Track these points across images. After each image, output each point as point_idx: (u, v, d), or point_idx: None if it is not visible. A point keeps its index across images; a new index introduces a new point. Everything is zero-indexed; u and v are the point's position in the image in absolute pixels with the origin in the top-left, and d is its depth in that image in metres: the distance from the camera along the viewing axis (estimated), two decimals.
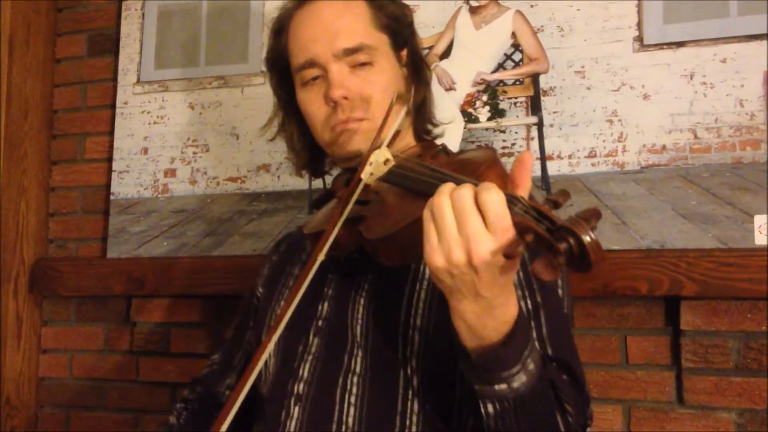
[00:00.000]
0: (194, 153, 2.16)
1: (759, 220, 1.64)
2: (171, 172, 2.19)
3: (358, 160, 1.13)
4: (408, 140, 1.25)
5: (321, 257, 0.95)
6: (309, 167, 1.33)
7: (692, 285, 1.60)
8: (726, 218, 1.66)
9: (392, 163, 1.04)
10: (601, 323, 1.75)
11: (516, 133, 1.86)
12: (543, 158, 1.82)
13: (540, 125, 1.83)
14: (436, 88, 1.91)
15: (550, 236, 0.74)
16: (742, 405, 1.62)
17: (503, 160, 1.86)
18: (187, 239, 2.12)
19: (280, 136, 1.33)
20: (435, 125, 1.31)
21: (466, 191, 0.78)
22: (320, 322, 1.15)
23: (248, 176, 2.10)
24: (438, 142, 1.27)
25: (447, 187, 0.81)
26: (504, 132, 1.87)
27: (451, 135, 1.89)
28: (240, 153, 2.10)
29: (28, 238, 2.28)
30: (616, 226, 1.72)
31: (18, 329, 2.24)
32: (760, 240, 1.63)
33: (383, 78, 1.17)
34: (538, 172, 1.82)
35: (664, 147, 1.74)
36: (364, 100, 1.15)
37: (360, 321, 1.10)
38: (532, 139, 1.84)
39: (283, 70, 1.25)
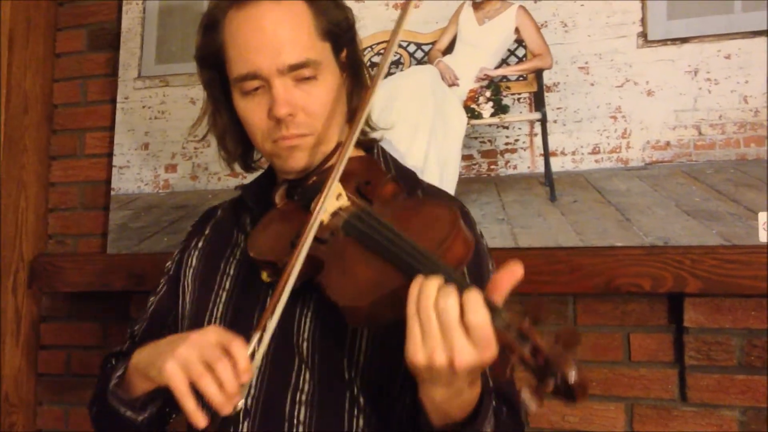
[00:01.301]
0: (195, 148, 2.16)
1: (763, 217, 1.63)
2: (172, 168, 2.18)
3: (298, 174, 1.15)
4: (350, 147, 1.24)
5: (280, 305, 0.97)
6: (240, 162, 1.29)
7: (696, 282, 1.60)
8: (730, 215, 1.65)
9: (344, 198, 1.05)
10: (604, 320, 1.74)
11: (519, 129, 1.85)
12: (546, 154, 1.82)
13: (543, 121, 1.83)
14: (439, 84, 1.92)
15: (534, 368, 0.76)
16: (746, 403, 1.62)
17: (507, 156, 1.86)
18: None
19: (211, 133, 1.27)
20: (373, 129, 1.28)
21: (452, 303, 0.80)
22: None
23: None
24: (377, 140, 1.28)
25: (431, 289, 0.82)
26: (507, 128, 1.86)
27: (455, 132, 1.88)
28: None
29: (27, 233, 2.27)
30: (620, 223, 1.72)
31: (17, 325, 2.23)
32: (763, 237, 1.63)
33: (327, 91, 1.14)
34: (541, 169, 1.82)
35: (668, 143, 1.73)
36: (308, 116, 1.12)
37: (306, 339, 1.09)
38: (536, 135, 1.84)
39: (215, 66, 1.19)
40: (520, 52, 1.87)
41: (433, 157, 1.88)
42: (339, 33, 1.17)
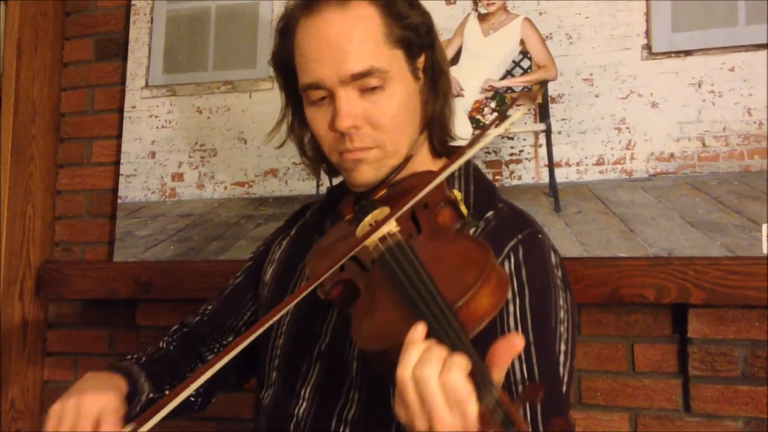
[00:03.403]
0: (202, 157, 2.17)
1: (766, 228, 1.64)
2: (178, 176, 2.19)
3: (365, 187, 1.13)
4: (422, 157, 1.20)
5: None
6: (326, 167, 1.25)
7: (700, 293, 1.60)
8: (734, 226, 1.66)
9: (393, 223, 1.00)
10: (608, 330, 1.75)
11: (524, 140, 1.87)
12: (551, 165, 1.83)
13: (548, 132, 1.84)
14: None
15: None
16: (749, 413, 1.63)
17: (511, 166, 1.87)
18: (194, 243, 2.12)
19: (290, 139, 1.26)
20: (452, 138, 1.24)
21: (431, 373, 0.75)
22: (323, 347, 1.14)
23: (255, 181, 2.10)
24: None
25: (412, 355, 0.78)
26: (512, 139, 1.87)
27: (460, 143, 1.89)
28: (247, 158, 2.10)
29: (34, 241, 2.28)
30: (624, 234, 1.73)
31: (23, 332, 2.24)
32: (767, 249, 1.63)
33: (395, 102, 1.10)
34: (545, 179, 1.83)
35: (672, 155, 1.74)
36: (373, 128, 1.09)
37: (357, 358, 1.08)
38: (540, 146, 1.85)
39: (290, 71, 1.17)
40: (525, 63, 1.88)
41: None
42: (415, 37, 1.13)
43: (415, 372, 0.77)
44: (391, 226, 1.00)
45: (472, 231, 1.11)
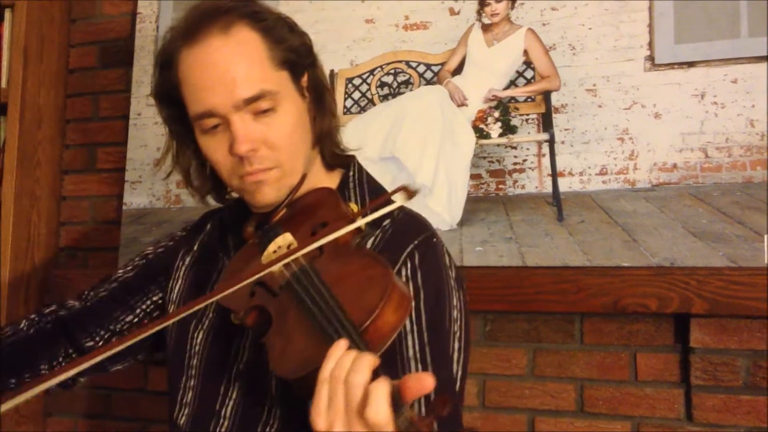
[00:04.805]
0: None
1: None
2: (183, 183, 2.19)
3: (268, 208, 1.14)
4: (317, 172, 1.22)
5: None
6: (214, 195, 1.27)
7: (702, 303, 1.61)
8: (736, 237, 1.67)
9: (294, 246, 1.04)
10: (610, 340, 1.76)
11: (527, 149, 1.88)
12: (554, 175, 1.84)
13: (551, 142, 1.85)
14: (448, 104, 1.94)
15: None
16: (751, 423, 1.63)
17: (515, 176, 1.88)
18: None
19: (175, 170, 1.25)
20: (342, 151, 1.25)
21: (362, 382, 0.80)
22: (241, 366, 1.15)
23: None
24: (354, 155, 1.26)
25: (347, 361, 0.82)
26: (515, 148, 1.89)
27: (464, 151, 1.91)
28: None
29: (39, 246, 2.30)
30: (627, 244, 1.74)
31: None
32: None
33: (288, 122, 1.11)
34: (549, 189, 1.84)
35: (675, 165, 1.75)
36: (270, 149, 1.10)
37: (275, 377, 1.10)
38: (544, 155, 1.86)
39: (174, 104, 1.16)
40: (529, 73, 1.90)
41: (441, 176, 1.91)
42: (297, 59, 1.14)
43: (349, 378, 0.81)
44: (291, 239, 1.04)
45: (371, 241, 1.14)
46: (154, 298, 1.34)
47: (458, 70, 1.96)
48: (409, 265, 1.11)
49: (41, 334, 1.32)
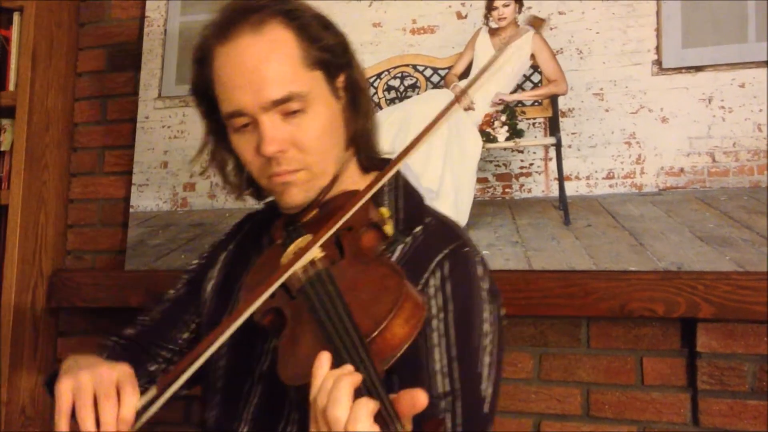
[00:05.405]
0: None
1: None
2: (190, 186, 2.21)
3: (296, 209, 1.13)
4: (351, 174, 1.20)
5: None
6: (252, 193, 1.25)
7: (709, 307, 1.61)
8: (743, 241, 1.67)
9: (320, 258, 1.02)
10: (617, 344, 1.76)
11: (534, 153, 1.88)
12: (561, 179, 1.84)
13: (558, 146, 1.85)
14: (455, 108, 1.94)
15: None
16: (758, 428, 1.63)
17: (521, 179, 1.88)
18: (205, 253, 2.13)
19: (212, 166, 1.24)
20: (378, 153, 1.23)
21: (341, 415, 0.78)
22: (264, 368, 1.15)
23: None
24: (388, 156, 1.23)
25: (323, 394, 0.81)
26: (522, 152, 1.89)
27: (470, 155, 1.91)
28: None
29: (46, 249, 2.30)
30: (634, 248, 1.74)
31: (35, 339, 2.26)
32: None
33: (318, 124, 1.10)
34: (555, 193, 1.84)
35: (682, 170, 1.75)
36: (299, 150, 1.09)
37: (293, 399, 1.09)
38: (550, 159, 1.86)
39: (210, 100, 1.15)
40: (536, 77, 1.90)
41: (448, 179, 1.91)
42: (332, 58, 1.12)
43: (327, 411, 0.79)
44: (316, 253, 1.02)
45: (400, 248, 1.12)
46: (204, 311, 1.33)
47: (465, 74, 1.96)
48: (438, 275, 1.08)
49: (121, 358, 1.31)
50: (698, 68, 1.76)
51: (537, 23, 1.00)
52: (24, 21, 2.30)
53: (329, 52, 1.12)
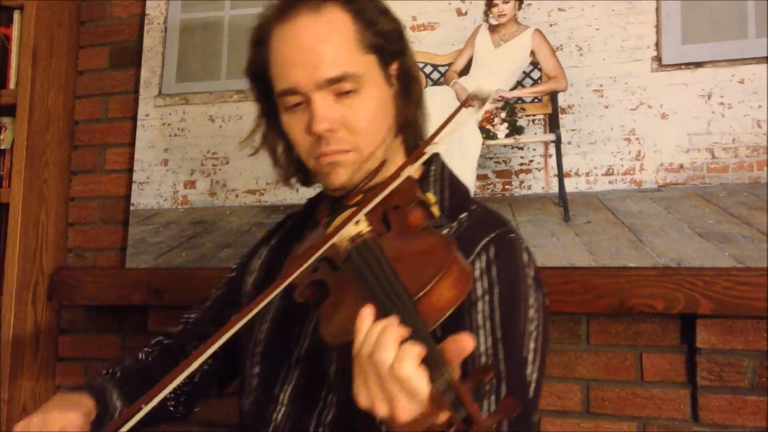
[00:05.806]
0: (214, 165, 2.19)
1: None
2: (190, 184, 2.21)
3: (342, 191, 1.14)
4: (398, 162, 1.18)
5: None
6: (300, 178, 1.26)
7: (708, 303, 1.61)
8: (743, 237, 1.67)
9: (364, 223, 1.01)
10: (616, 340, 1.76)
11: (534, 150, 1.88)
12: (561, 175, 1.84)
13: (558, 142, 1.85)
14: (455, 105, 1.94)
15: None
16: (757, 423, 1.63)
17: (521, 176, 1.88)
18: (206, 251, 2.14)
19: (263, 148, 1.26)
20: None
21: (387, 357, 0.78)
22: (302, 351, 1.15)
23: (267, 189, 2.12)
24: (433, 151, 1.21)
25: (371, 337, 0.80)
26: (522, 149, 1.89)
27: (470, 152, 1.91)
28: (259, 166, 2.11)
29: (47, 247, 2.31)
30: (633, 244, 1.74)
31: (36, 337, 2.26)
32: None
33: (369, 106, 1.11)
34: (555, 189, 1.84)
35: (681, 166, 1.75)
36: (349, 131, 1.10)
37: (336, 361, 1.09)
38: (550, 156, 1.86)
39: (265, 82, 1.17)
40: (536, 74, 1.90)
41: None
42: (386, 45, 1.14)
43: (374, 355, 0.79)
44: (362, 227, 1.01)
45: (445, 232, 1.12)
46: None
47: (465, 71, 1.96)
48: (483, 258, 1.08)
49: (156, 362, 1.33)
50: (698, 64, 1.77)
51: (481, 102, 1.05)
52: (24, 19, 2.30)
53: (384, 37, 1.14)
